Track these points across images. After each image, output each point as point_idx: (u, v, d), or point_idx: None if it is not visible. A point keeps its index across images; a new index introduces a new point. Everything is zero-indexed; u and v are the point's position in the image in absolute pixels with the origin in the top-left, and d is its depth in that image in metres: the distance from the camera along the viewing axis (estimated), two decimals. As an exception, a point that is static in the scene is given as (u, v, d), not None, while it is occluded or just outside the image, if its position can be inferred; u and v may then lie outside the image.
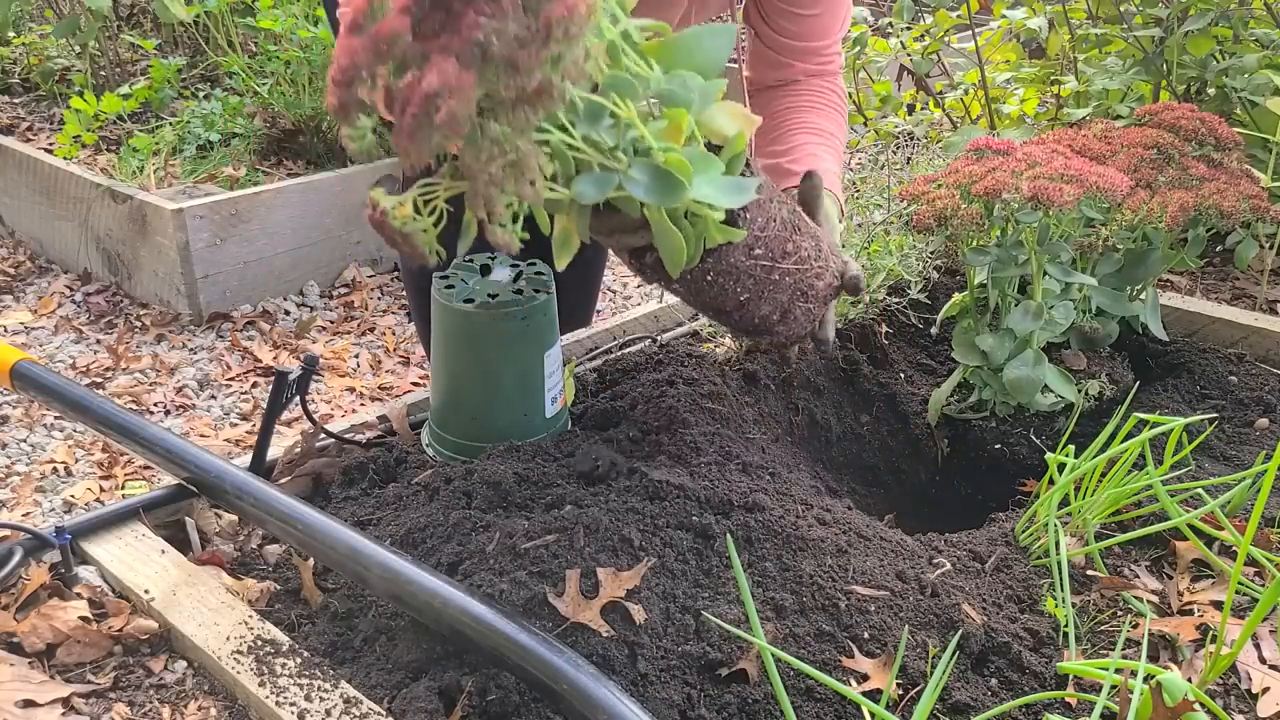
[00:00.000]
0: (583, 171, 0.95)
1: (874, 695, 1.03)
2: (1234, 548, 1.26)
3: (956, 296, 1.78)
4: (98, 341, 2.83)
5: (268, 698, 1.00)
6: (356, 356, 2.80)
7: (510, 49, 0.81)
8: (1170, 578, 1.27)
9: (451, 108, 0.80)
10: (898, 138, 3.14)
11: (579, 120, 0.92)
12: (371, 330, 2.94)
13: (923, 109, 3.41)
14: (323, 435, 1.44)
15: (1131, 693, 0.93)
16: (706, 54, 0.97)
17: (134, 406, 2.52)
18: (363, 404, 2.57)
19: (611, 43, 0.90)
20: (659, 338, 1.80)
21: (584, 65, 0.83)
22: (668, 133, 0.96)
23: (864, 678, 1.05)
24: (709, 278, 1.17)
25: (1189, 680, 1.05)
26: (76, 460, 2.32)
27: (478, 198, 0.88)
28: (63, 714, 1.02)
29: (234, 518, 1.34)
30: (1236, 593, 1.15)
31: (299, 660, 1.05)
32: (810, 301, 1.30)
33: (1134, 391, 1.62)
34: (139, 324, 2.91)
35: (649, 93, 0.95)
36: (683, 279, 1.18)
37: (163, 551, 1.22)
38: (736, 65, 1.75)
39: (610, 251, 1.52)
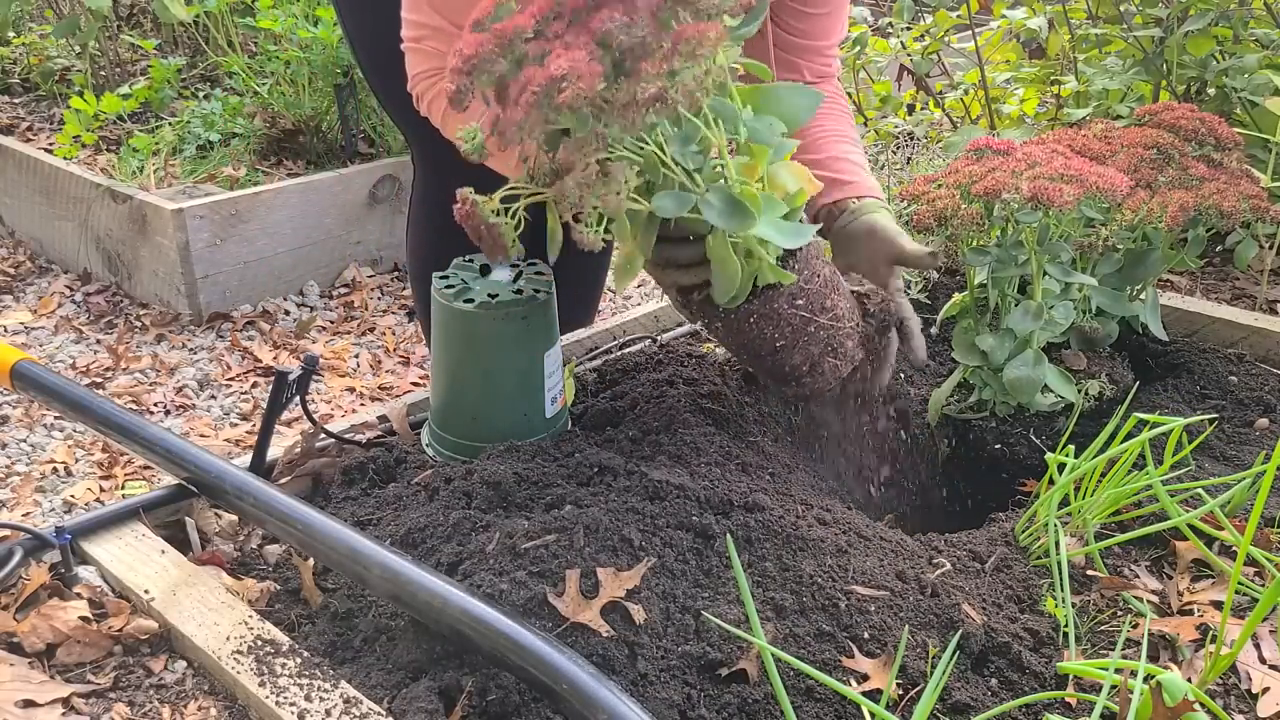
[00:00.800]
0: (664, 189, 1.04)
1: (874, 695, 1.03)
2: (1234, 548, 1.26)
3: (956, 296, 1.78)
4: (98, 341, 2.83)
5: (268, 698, 1.00)
6: (356, 356, 2.80)
7: (634, 48, 0.89)
8: (1170, 578, 1.27)
9: (578, 89, 0.88)
10: (898, 138, 3.14)
11: (671, 140, 1.01)
12: (371, 330, 2.94)
13: (923, 109, 3.41)
14: (323, 435, 1.44)
15: (1131, 693, 0.93)
16: (792, 107, 1.07)
17: (134, 406, 2.52)
18: (363, 404, 2.57)
19: (720, 67, 0.98)
20: (659, 338, 1.80)
21: (698, 84, 0.91)
22: (746, 169, 1.06)
23: (864, 678, 1.05)
24: (752, 319, 1.26)
25: (1189, 680, 1.05)
26: (76, 460, 2.32)
27: (567, 198, 0.96)
28: (63, 714, 1.02)
29: (234, 518, 1.34)
30: (1236, 593, 1.14)
31: (299, 660, 1.05)
32: (838, 359, 1.38)
33: (1134, 391, 1.61)
34: (139, 324, 2.91)
35: (738, 127, 1.05)
36: (726, 318, 1.27)
37: (163, 551, 1.22)
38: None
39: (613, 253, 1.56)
